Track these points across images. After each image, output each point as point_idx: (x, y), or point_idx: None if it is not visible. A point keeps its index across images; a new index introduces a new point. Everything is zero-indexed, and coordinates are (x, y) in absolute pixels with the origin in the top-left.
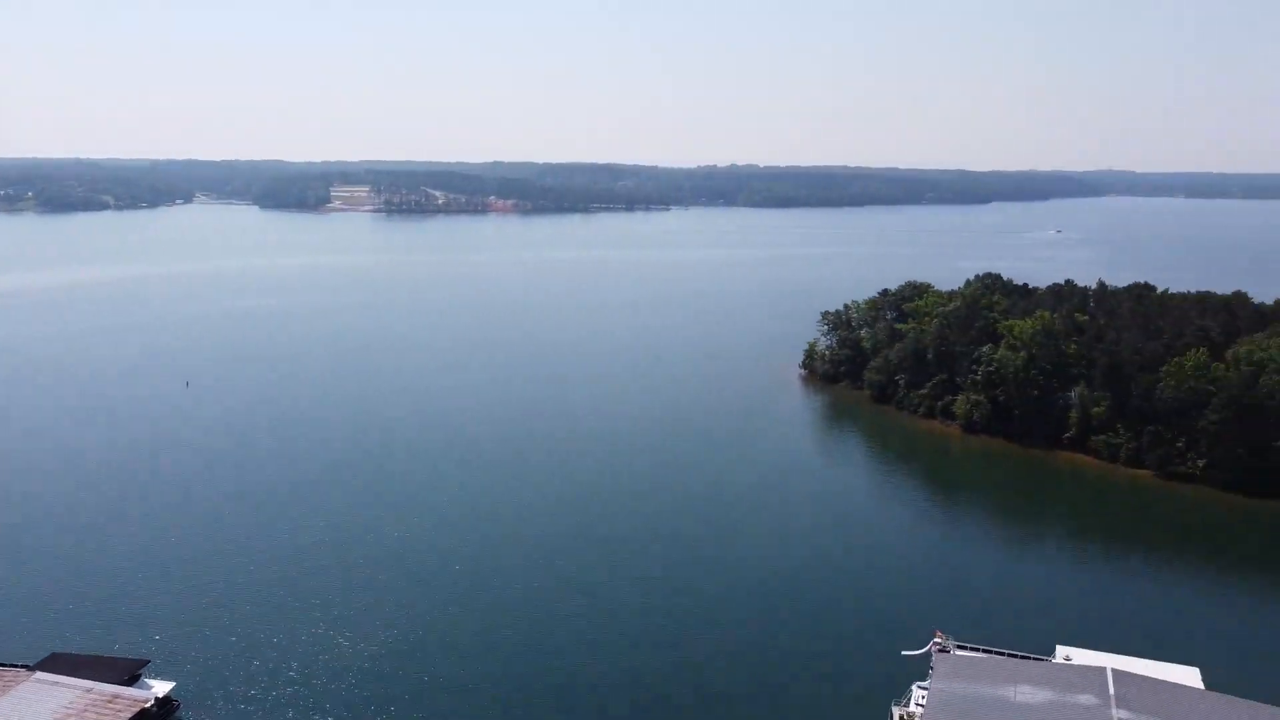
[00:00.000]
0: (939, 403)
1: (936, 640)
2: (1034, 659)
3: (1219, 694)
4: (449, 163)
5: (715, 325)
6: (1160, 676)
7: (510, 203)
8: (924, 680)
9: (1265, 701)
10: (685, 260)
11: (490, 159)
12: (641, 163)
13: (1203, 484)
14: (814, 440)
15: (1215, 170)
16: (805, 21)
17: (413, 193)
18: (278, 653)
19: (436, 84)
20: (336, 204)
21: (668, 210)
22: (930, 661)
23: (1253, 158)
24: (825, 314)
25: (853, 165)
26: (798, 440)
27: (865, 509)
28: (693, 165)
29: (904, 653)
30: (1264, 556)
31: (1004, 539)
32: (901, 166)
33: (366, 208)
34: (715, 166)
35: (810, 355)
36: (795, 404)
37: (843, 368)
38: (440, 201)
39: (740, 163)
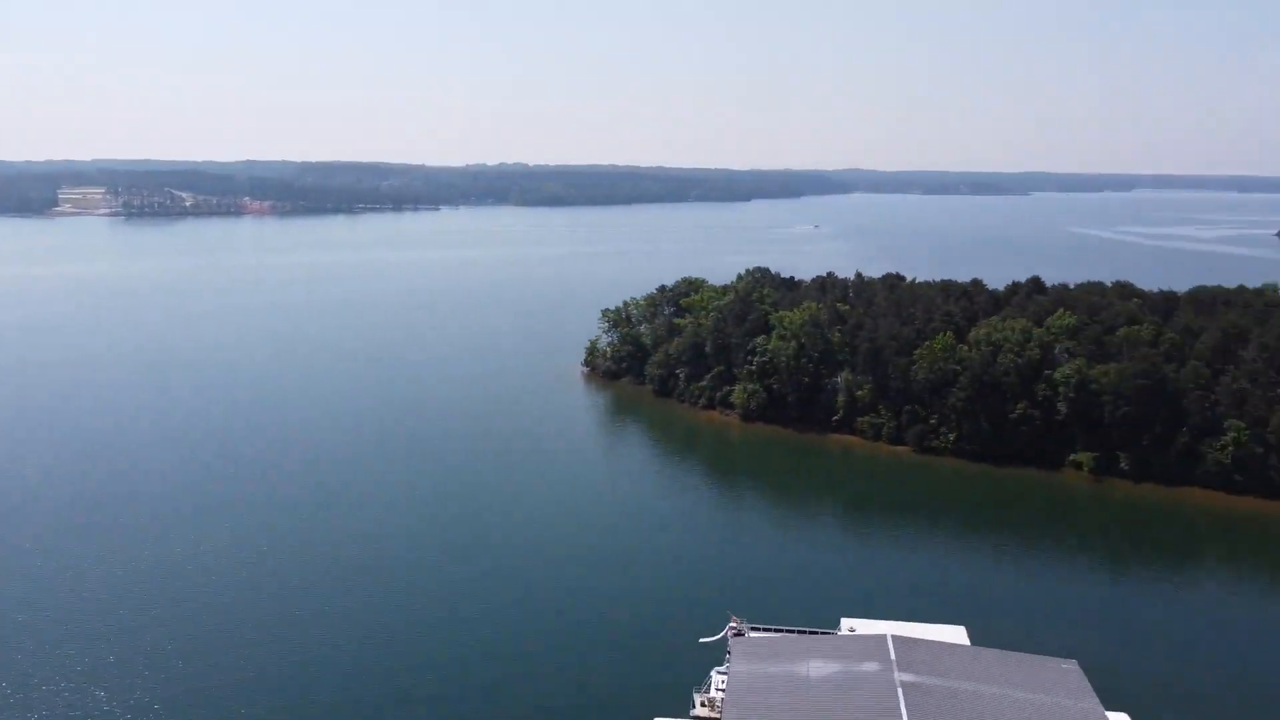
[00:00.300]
0: (718, 394)
1: (732, 625)
2: (822, 633)
3: (983, 648)
4: (196, 161)
5: (496, 325)
6: (932, 638)
7: (267, 204)
8: (722, 665)
9: (1021, 650)
10: (454, 261)
11: (243, 157)
12: (409, 161)
13: (954, 456)
14: (599, 437)
15: (947, 169)
16: (573, 21)
17: (155, 194)
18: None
19: (178, 75)
20: (66, 207)
21: (437, 210)
22: (727, 646)
23: (977, 158)
24: (605, 311)
25: (622, 165)
26: (582, 438)
27: (653, 502)
28: (461, 164)
29: (701, 640)
30: (1005, 519)
31: (785, 520)
32: (669, 166)
33: (102, 211)
34: (485, 165)
35: (592, 353)
36: (579, 401)
37: (625, 364)
38: (188, 204)
39: (510, 161)
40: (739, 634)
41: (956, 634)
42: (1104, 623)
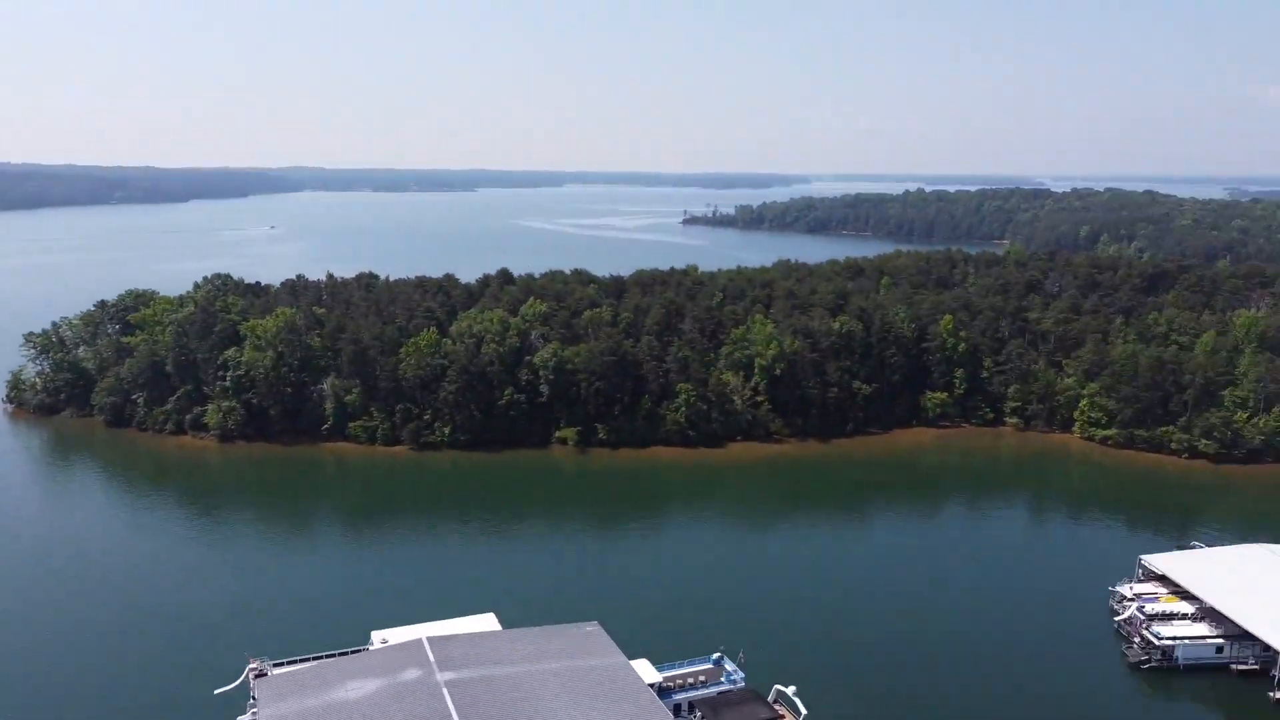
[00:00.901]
0: (188, 416)
1: (252, 666)
2: (353, 652)
3: (515, 630)
4: None
5: None
6: (466, 630)
7: None
8: (246, 714)
9: (549, 622)
10: None
11: None
12: None
13: (451, 449)
14: (39, 484)
15: (396, 167)
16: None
17: None
18: None
19: None
20: None
21: None
22: (250, 690)
23: (425, 156)
24: (30, 336)
25: (31, 162)
26: (16, 489)
27: (124, 552)
28: None
29: (217, 691)
30: (508, 502)
31: (288, 543)
32: (80, 164)
33: None
34: None
35: (16, 386)
36: (4, 445)
37: (63, 395)
38: None
39: None
40: (261, 675)
41: (488, 621)
42: (615, 578)
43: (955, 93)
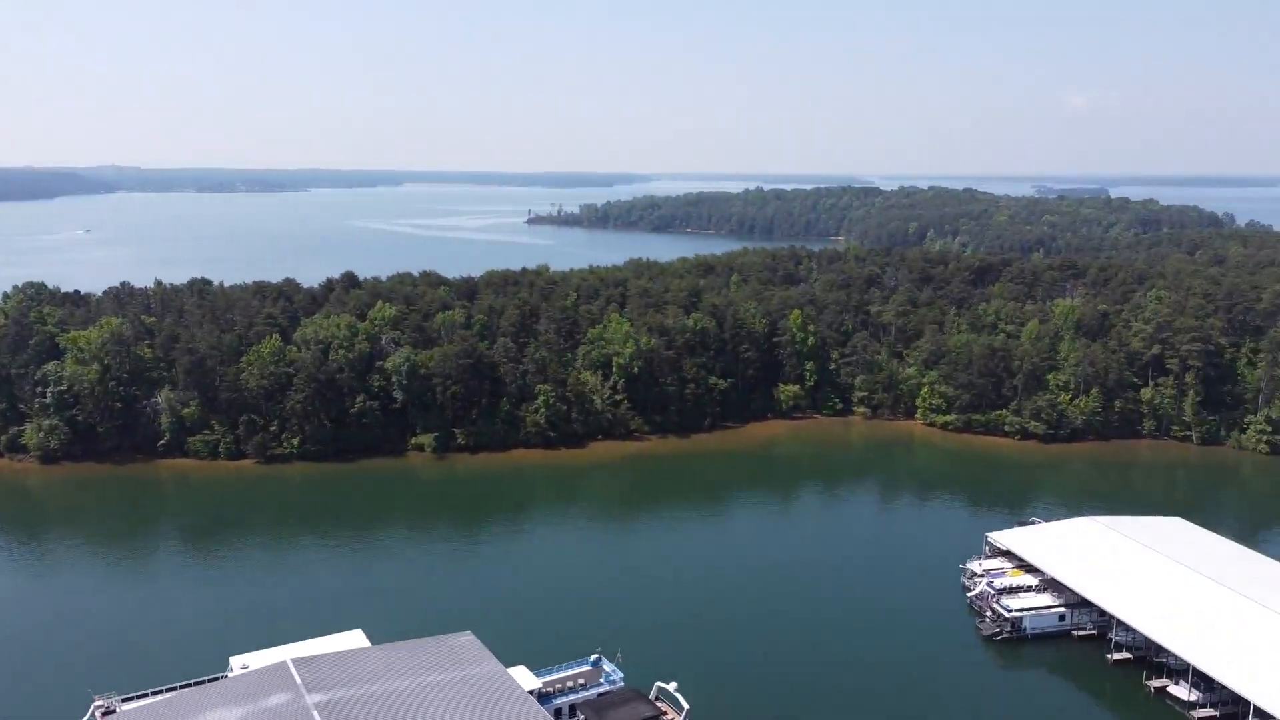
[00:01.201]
0: (3, 437)
1: (98, 704)
2: (211, 680)
3: (385, 645)
4: None
5: None
6: (332, 649)
7: None
8: None
9: (420, 635)
10: None
11: None
12: None
13: (301, 461)
14: None
15: (221, 166)
16: None
17: None
18: None
19: None
20: None
21: None
22: None
23: (253, 155)
24: None
25: None
26: None
27: None
28: None
29: None
30: (364, 513)
31: (125, 571)
32: None
33: None
34: None
35: None
36: None
37: None
38: None
39: None
40: (109, 712)
41: (356, 639)
42: (484, 586)
43: (788, 95)
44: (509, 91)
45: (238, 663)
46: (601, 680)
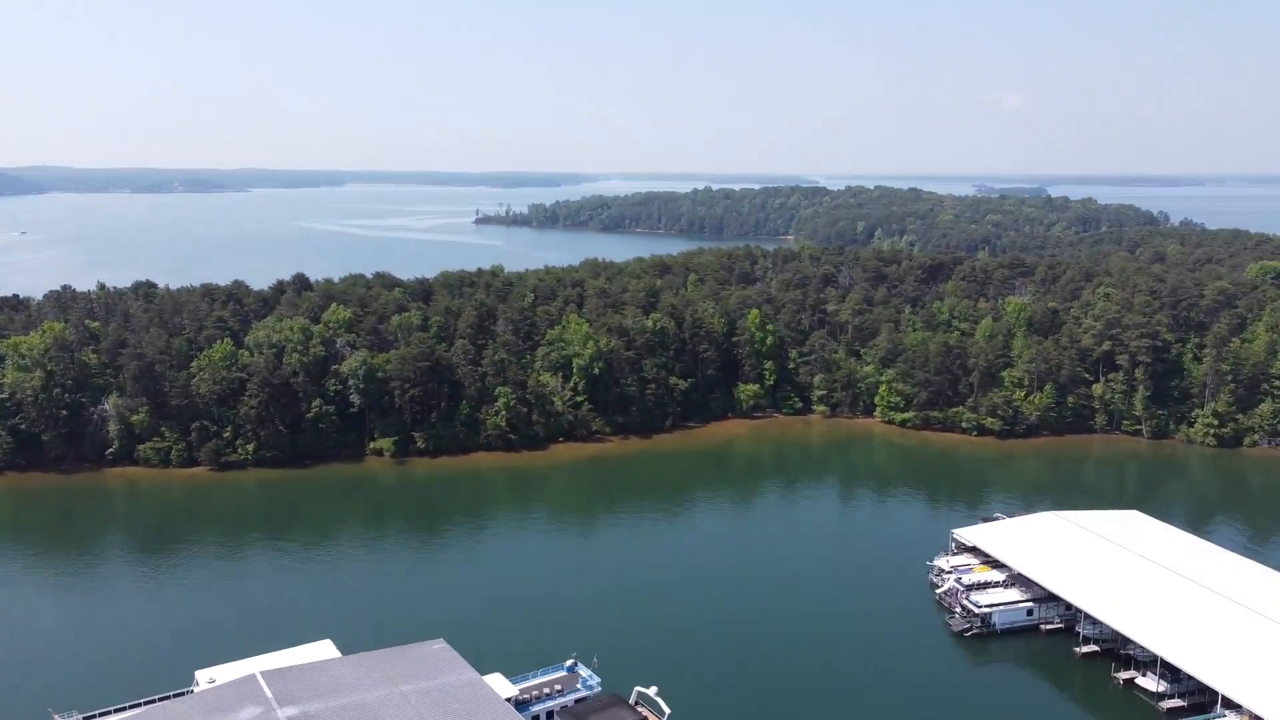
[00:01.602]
0: None
1: None
2: (177, 695)
3: (355, 655)
4: None
5: None
6: (301, 661)
7: None
8: None
9: (392, 644)
10: None
11: None
12: None
13: (256, 467)
14: None
15: (158, 166)
16: None
17: None
18: None
19: None
20: None
21: None
22: None
23: (192, 155)
24: None
25: None
26: None
27: None
28: None
29: None
30: (325, 520)
31: (77, 583)
32: None
33: None
34: None
35: None
36: None
37: None
38: None
39: None
40: None
41: (325, 649)
42: (453, 592)
43: (733, 95)
44: (449, 90)
45: (204, 676)
46: (578, 685)
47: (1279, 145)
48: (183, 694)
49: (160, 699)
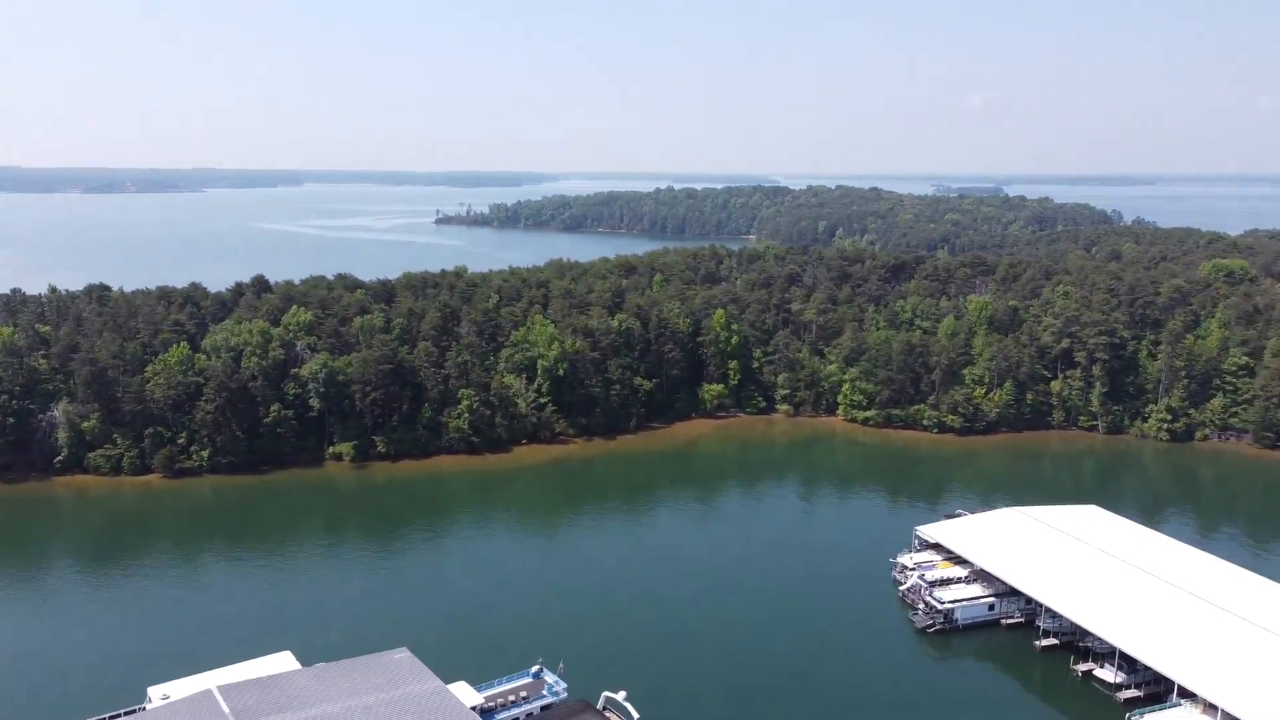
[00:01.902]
0: None
1: None
2: (129, 713)
3: (316, 666)
4: None
5: None
6: (261, 673)
7: None
8: None
9: (353, 654)
10: None
11: None
12: None
13: (212, 474)
14: None
15: (109, 165)
16: None
17: None
18: None
19: None
20: None
21: None
22: None
23: (144, 154)
24: None
25: None
26: None
27: None
28: None
29: None
30: (282, 528)
31: (23, 600)
32: None
33: None
34: None
35: None
36: None
37: None
38: None
39: None
40: None
41: (285, 661)
42: (414, 599)
43: (694, 94)
44: (407, 89)
45: (157, 693)
46: (544, 692)
47: (1218, 145)
48: (134, 712)
49: (111, 717)
